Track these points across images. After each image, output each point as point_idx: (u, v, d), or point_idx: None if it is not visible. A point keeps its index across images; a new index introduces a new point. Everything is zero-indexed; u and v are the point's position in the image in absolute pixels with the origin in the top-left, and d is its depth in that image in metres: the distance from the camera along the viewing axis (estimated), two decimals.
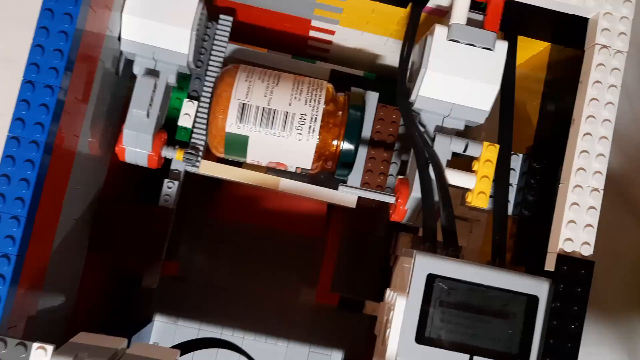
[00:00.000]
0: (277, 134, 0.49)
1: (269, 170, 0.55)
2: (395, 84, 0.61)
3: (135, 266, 0.52)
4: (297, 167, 0.53)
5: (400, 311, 0.38)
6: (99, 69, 0.45)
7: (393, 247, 0.62)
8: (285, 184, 0.52)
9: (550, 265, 0.39)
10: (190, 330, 0.64)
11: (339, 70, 0.54)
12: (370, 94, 0.53)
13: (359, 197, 0.53)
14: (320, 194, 0.53)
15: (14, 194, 0.36)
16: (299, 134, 0.50)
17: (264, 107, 0.50)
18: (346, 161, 0.51)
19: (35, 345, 0.35)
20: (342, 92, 0.53)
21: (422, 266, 0.39)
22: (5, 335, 0.36)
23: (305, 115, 0.50)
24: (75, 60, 0.39)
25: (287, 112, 0.50)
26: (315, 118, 0.49)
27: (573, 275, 0.38)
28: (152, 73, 0.48)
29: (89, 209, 0.49)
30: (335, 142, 0.51)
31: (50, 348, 0.35)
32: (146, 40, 0.46)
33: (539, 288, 0.38)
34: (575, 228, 0.39)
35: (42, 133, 0.37)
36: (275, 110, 0.49)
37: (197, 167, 0.51)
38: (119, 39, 0.46)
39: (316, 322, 0.64)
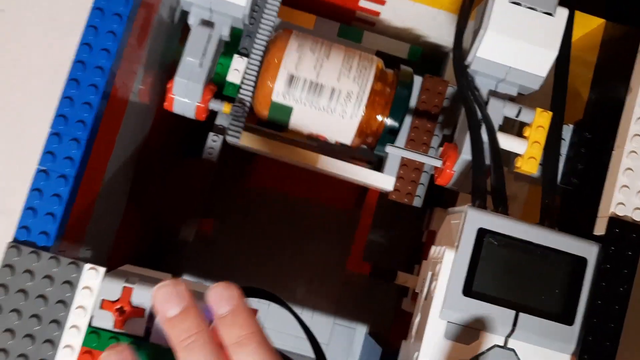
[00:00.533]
0: (322, 108, 0.50)
1: (308, 138, 0.56)
2: (439, 61, 0.62)
3: (173, 217, 0.53)
4: (336, 141, 0.53)
5: (449, 263, 0.38)
6: (156, 16, 0.45)
7: (427, 222, 0.62)
8: (324, 161, 0.52)
9: (600, 229, 0.39)
10: None
11: (383, 52, 0.55)
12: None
13: (398, 170, 0.53)
14: (358, 175, 0.53)
15: (76, 117, 0.37)
16: (344, 111, 0.50)
17: (311, 81, 0.50)
18: (387, 140, 0.51)
19: (88, 265, 0.35)
20: (392, 69, 0.53)
21: (473, 220, 0.39)
22: (58, 253, 0.36)
23: (352, 92, 0.50)
24: (139, 4, 0.39)
25: (334, 88, 0.50)
26: (362, 97, 0.50)
27: (624, 238, 0.38)
28: (207, 24, 0.49)
29: (133, 156, 0.49)
30: (379, 119, 0.51)
31: (102, 270, 0.36)
32: None
33: (589, 250, 0.38)
34: (628, 193, 0.39)
35: (103, 77, 0.37)
36: (322, 84, 0.50)
37: (242, 127, 0.51)
38: None
39: (344, 294, 0.63)
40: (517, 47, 0.42)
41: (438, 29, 0.57)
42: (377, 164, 0.56)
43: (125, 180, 0.49)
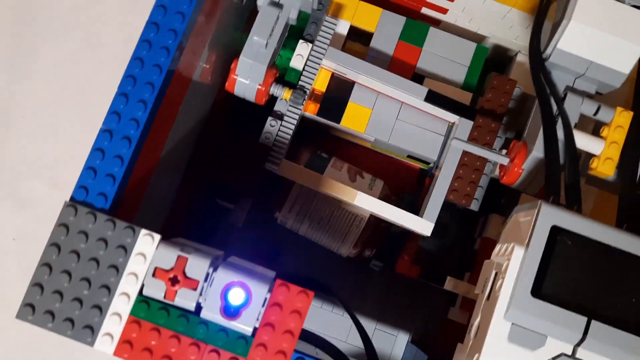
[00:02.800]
0: None
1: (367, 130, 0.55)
2: (504, 65, 0.60)
3: (227, 198, 0.51)
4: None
5: (518, 261, 0.36)
6: None
7: (480, 230, 0.60)
8: (361, 198, 0.51)
9: None
10: None
11: (435, 92, 0.53)
12: (464, 121, 0.51)
13: (457, 169, 0.51)
14: (397, 216, 0.51)
15: (145, 79, 0.36)
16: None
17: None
18: None
19: (144, 231, 0.34)
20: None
21: (547, 217, 0.36)
22: (115, 214, 0.35)
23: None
24: None
25: None
26: None
27: None
28: (276, 5, 0.48)
29: (193, 132, 0.49)
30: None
31: (157, 237, 0.35)
32: None
33: None
34: None
35: (175, 40, 0.37)
36: None
37: (301, 108, 0.50)
38: None
39: (389, 298, 0.61)
40: (601, 40, 0.40)
41: (506, 28, 0.55)
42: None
43: (184, 155, 0.48)
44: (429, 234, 0.51)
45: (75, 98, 0.57)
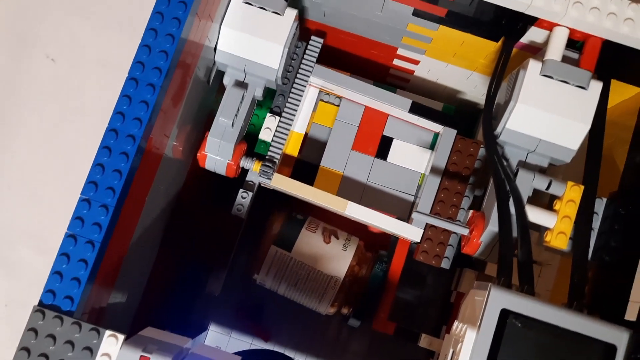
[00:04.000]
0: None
1: (338, 192, 0.56)
2: (473, 118, 0.61)
3: (202, 269, 0.53)
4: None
5: (470, 344, 0.37)
6: (195, 76, 0.46)
7: (455, 283, 0.61)
8: (352, 208, 0.52)
9: (632, 314, 0.38)
10: (242, 343, 0.64)
11: (419, 103, 0.55)
12: (448, 130, 0.53)
13: (426, 231, 0.52)
14: (387, 224, 0.53)
15: (106, 184, 0.38)
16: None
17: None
18: None
19: (108, 332, 0.36)
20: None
21: (496, 300, 0.38)
22: (80, 319, 0.37)
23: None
24: (177, 63, 0.40)
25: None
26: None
27: None
28: (241, 85, 0.50)
29: (166, 208, 0.50)
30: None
31: (121, 337, 0.36)
32: (240, 53, 0.48)
33: (618, 337, 0.37)
34: None
35: (140, 128, 0.38)
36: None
37: (270, 180, 0.52)
38: (215, 49, 0.48)
39: (370, 354, 0.63)
40: (548, 120, 0.42)
41: (472, 87, 0.57)
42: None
43: (156, 236, 0.50)
44: (418, 240, 0.52)
45: (56, 168, 0.60)
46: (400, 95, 0.56)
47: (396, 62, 0.58)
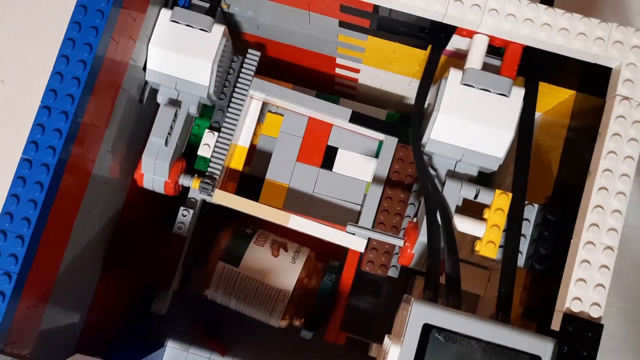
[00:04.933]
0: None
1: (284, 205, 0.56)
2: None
3: (146, 290, 0.53)
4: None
5: (395, 358, 0.37)
6: (121, 96, 0.46)
7: (409, 290, 0.60)
8: (295, 220, 0.52)
9: (556, 324, 0.37)
10: (201, 359, 0.64)
11: (360, 112, 0.54)
12: (389, 139, 0.53)
13: (371, 241, 0.52)
14: (331, 235, 0.52)
15: (21, 214, 0.37)
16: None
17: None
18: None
19: None
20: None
21: (418, 315, 0.37)
22: (2, 351, 0.36)
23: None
24: (93, 88, 0.40)
25: None
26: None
27: (578, 337, 0.36)
28: (175, 103, 0.50)
29: (105, 230, 0.50)
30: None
31: None
32: (169, 71, 0.48)
33: (542, 348, 0.36)
34: (585, 287, 0.37)
35: (53, 157, 0.38)
36: None
37: (211, 196, 0.51)
38: (144, 69, 0.48)
39: None
40: (471, 129, 0.41)
41: (414, 93, 0.56)
42: None
43: (96, 255, 0.50)
44: (362, 250, 0.52)
45: None
46: (343, 105, 0.56)
47: (338, 70, 0.57)
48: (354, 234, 0.52)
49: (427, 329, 0.37)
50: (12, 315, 0.37)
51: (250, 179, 0.57)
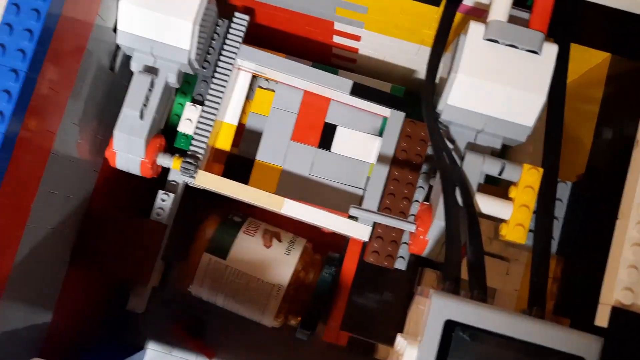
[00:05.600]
0: None
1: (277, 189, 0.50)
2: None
3: (121, 286, 0.47)
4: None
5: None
6: (87, 61, 0.40)
7: (417, 284, 0.54)
8: (289, 205, 0.46)
9: (602, 320, 0.31)
10: None
11: (362, 84, 0.48)
12: (395, 113, 0.47)
13: (376, 228, 0.46)
14: (330, 222, 0.46)
15: None
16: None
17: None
18: None
19: None
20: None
21: (439, 310, 0.31)
22: None
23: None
24: (49, 44, 0.34)
25: None
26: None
27: (631, 334, 0.30)
28: (151, 70, 0.44)
29: (72, 216, 0.44)
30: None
31: None
32: (144, 33, 0.42)
33: (586, 348, 0.30)
34: (638, 275, 0.31)
35: (2, 123, 0.32)
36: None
37: (194, 178, 0.45)
38: (115, 30, 0.42)
39: None
40: (496, 93, 0.35)
41: (423, 64, 0.50)
42: None
43: (62, 246, 0.44)
44: (366, 239, 0.46)
45: None
46: (343, 76, 0.50)
47: (336, 39, 0.51)
48: (356, 219, 0.46)
49: (449, 327, 0.31)
50: None
51: (239, 161, 0.51)
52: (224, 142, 0.50)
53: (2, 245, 0.35)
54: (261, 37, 0.52)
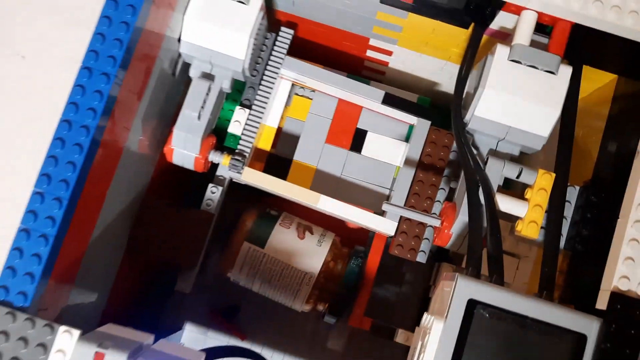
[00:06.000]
0: None
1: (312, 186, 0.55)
2: (449, 110, 0.60)
3: (171, 269, 0.52)
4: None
5: (437, 336, 0.36)
6: (155, 67, 0.45)
7: (434, 278, 0.60)
8: (325, 201, 0.51)
9: (602, 303, 0.37)
10: (219, 343, 0.63)
11: (392, 94, 0.54)
12: (422, 121, 0.52)
13: (401, 224, 0.51)
14: (360, 217, 0.52)
15: (59, 176, 0.37)
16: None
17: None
18: None
19: (62, 328, 0.35)
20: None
21: (463, 290, 0.36)
22: (35, 315, 0.35)
23: None
24: (133, 53, 0.39)
25: None
26: None
27: (627, 315, 0.35)
28: (208, 77, 0.49)
29: (131, 206, 0.49)
30: None
31: (76, 333, 0.35)
32: (205, 44, 0.47)
33: (588, 326, 0.36)
34: (633, 266, 0.36)
35: (94, 119, 0.37)
36: None
37: (241, 174, 0.51)
38: (179, 40, 0.47)
39: (348, 351, 0.61)
40: (517, 106, 0.41)
41: (447, 79, 0.56)
42: None
43: (122, 232, 0.49)
44: (392, 233, 0.51)
45: (14, 161, 0.58)
46: (374, 87, 0.55)
47: (370, 53, 0.57)
48: (383, 215, 0.51)
49: (472, 305, 0.36)
50: (47, 280, 0.36)
51: (275, 160, 0.56)
52: (265, 142, 0.56)
53: (84, 225, 0.40)
54: (299, 49, 0.57)
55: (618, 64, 0.44)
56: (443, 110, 0.60)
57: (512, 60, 0.41)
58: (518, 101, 0.40)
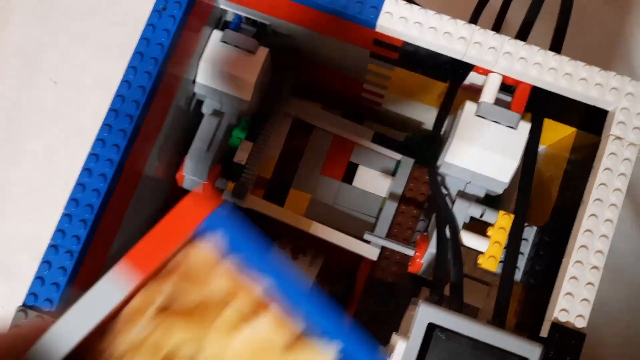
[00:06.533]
0: None
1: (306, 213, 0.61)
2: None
3: None
4: None
5: (399, 354, 0.42)
6: (174, 104, 0.52)
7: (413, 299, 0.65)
8: (317, 227, 0.57)
9: (545, 332, 0.42)
10: None
11: (381, 133, 0.60)
12: (406, 159, 0.58)
13: (384, 250, 0.57)
14: (346, 243, 0.58)
15: (85, 201, 0.43)
16: None
17: None
18: None
19: None
20: None
21: (424, 315, 0.42)
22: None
23: None
24: (155, 95, 0.46)
25: None
26: None
27: (564, 344, 0.41)
28: (217, 114, 0.56)
29: (146, 224, 0.56)
30: None
31: None
32: (216, 85, 0.54)
33: (531, 351, 0.41)
34: (572, 300, 0.42)
35: (117, 154, 0.44)
36: None
37: (244, 200, 0.57)
38: (194, 82, 0.54)
39: None
40: (481, 156, 0.47)
41: (431, 120, 0.62)
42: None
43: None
44: (375, 258, 0.57)
45: (53, 185, 0.65)
46: (366, 126, 0.62)
47: (364, 94, 0.63)
48: (369, 242, 0.57)
49: (431, 328, 0.42)
50: (70, 289, 0.43)
51: (275, 186, 0.63)
52: (266, 171, 0.62)
53: (105, 242, 0.47)
54: (302, 84, 0.64)
55: (575, 118, 0.50)
56: (429, 148, 0.66)
57: (479, 116, 0.47)
58: (482, 151, 0.46)
